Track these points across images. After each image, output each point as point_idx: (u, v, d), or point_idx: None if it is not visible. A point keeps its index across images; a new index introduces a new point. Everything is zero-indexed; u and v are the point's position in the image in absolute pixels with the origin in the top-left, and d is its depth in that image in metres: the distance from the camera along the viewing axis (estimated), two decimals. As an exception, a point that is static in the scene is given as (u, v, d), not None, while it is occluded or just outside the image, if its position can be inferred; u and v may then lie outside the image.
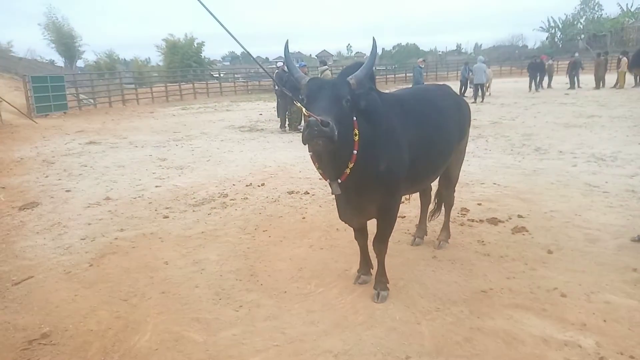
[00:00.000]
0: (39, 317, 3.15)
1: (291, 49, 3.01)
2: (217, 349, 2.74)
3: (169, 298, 3.38)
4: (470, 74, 18.92)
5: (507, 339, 2.73)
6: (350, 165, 2.67)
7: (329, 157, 2.64)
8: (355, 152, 2.64)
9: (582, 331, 2.78)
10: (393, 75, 35.67)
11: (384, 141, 2.82)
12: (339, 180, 2.75)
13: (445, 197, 4.17)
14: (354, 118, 2.63)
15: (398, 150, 2.92)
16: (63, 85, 19.67)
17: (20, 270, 3.92)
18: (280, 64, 14.50)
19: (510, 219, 4.73)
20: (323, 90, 2.48)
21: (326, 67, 12.70)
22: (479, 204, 5.25)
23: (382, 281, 3.30)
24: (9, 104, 15.78)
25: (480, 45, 74.34)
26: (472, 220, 4.75)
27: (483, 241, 4.21)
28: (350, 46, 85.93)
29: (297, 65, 12.92)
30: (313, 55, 72.40)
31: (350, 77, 2.62)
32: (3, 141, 11.61)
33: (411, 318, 3.00)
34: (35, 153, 10.02)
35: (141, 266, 3.97)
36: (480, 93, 17.95)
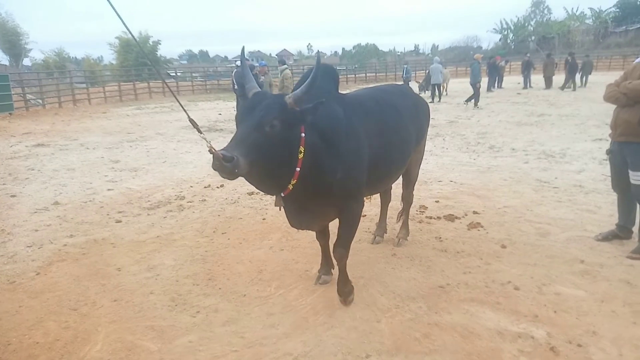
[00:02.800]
0: (-23, 332, 2.94)
1: (251, 48, 3.01)
2: (172, 357, 2.64)
3: (122, 306, 3.24)
4: (413, 75, 19.34)
5: (464, 333, 2.78)
6: (293, 182, 2.53)
7: (257, 181, 2.50)
8: (298, 169, 2.49)
9: (534, 322, 2.87)
10: (353, 75, 35.94)
11: (342, 149, 2.71)
12: (282, 194, 2.63)
13: (405, 196, 4.20)
14: (302, 134, 2.49)
15: (358, 155, 2.83)
16: (8, 85, 18.51)
17: (-43, 282, 3.65)
18: (239, 62, 14.29)
19: (466, 215, 4.85)
20: (248, 114, 2.34)
21: (285, 66, 12.62)
22: (437, 201, 5.36)
23: (345, 291, 3.17)
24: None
25: (437, 46, 76.43)
26: (430, 218, 4.83)
27: (440, 237, 4.29)
28: (311, 45, 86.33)
29: (258, 64, 12.85)
30: (273, 54, 71.95)
31: (289, 95, 2.47)
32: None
33: (371, 316, 3.01)
34: (-24, 156, 9.41)
35: (92, 273, 3.79)
36: (437, 93, 18.40)
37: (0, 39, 41.76)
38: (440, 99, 18.37)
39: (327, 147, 2.64)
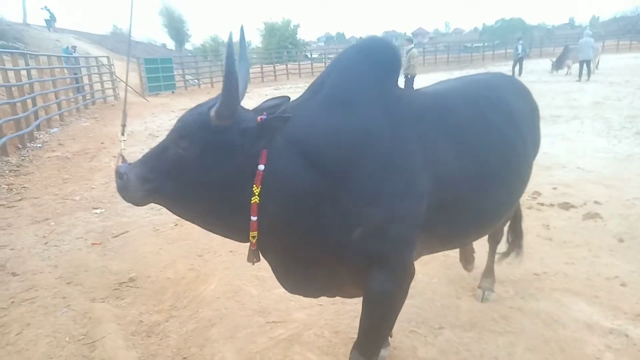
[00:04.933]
0: (129, 264, 3.75)
1: (387, 28, 2.76)
2: (268, 302, 3.08)
3: (236, 256, 3.80)
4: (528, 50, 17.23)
5: (548, 321, 2.71)
6: (253, 234, 1.63)
7: (192, 219, 1.75)
8: (254, 218, 1.59)
9: (633, 322, 2.66)
10: (492, 52, 33.54)
11: (372, 193, 1.66)
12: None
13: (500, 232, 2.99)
14: (259, 167, 1.57)
15: (405, 202, 1.71)
16: (172, 67, 21.61)
17: (119, 225, 4.63)
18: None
19: (585, 204, 4.46)
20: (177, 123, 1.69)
21: (412, 45, 12.36)
22: (554, 188, 4.99)
23: None
24: (125, 84, 17.77)
25: (598, 17, 66.53)
26: (542, 204, 4.56)
27: (548, 225, 4.05)
28: (449, 23, 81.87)
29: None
30: (408, 33, 70.38)
31: (212, 107, 1.58)
32: (119, 116, 13.17)
33: (452, 292, 3.09)
34: (143, 127, 11.27)
35: (216, 229, 4.46)
36: (586, 70, 16.31)
37: (168, 26, 48.21)
38: (589, 77, 16.25)
39: (331, 190, 1.64)
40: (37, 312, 3.06)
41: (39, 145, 8.84)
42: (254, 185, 1.56)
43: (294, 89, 21.00)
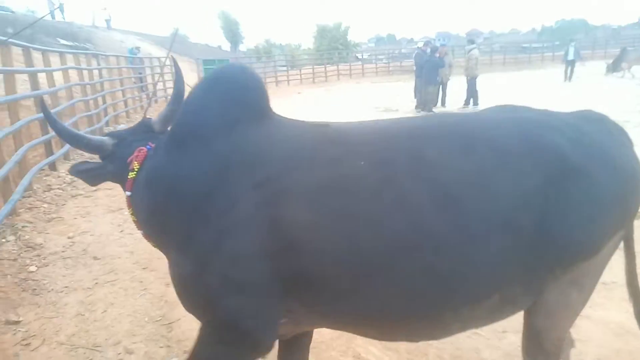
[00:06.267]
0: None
1: (440, 29, 2.41)
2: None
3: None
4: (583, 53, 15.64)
5: (619, 331, 2.65)
6: (129, 211, 1.83)
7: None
8: (127, 193, 1.75)
9: None
10: (551, 54, 32.15)
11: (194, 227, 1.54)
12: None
13: None
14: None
15: (210, 253, 1.50)
16: (227, 68, 22.41)
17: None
18: (421, 44, 14.32)
19: (658, 215, 4.25)
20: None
21: (474, 45, 12.11)
22: None
23: None
24: (186, 84, 18.57)
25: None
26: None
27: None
28: (505, 23, 79.11)
29: (439, 44, 12.68)
30: (461, 34, 68.70)
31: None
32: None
33: (515, 297, 3.06)
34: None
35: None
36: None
37: (224, 28, 49.85)
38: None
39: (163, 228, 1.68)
40: (118, 294, 3.34)
41: (108, 140, 9.44)
42: (135, 162, 1.73)
43: (345, 89, 21.14)
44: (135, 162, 1.69)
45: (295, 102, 16.84)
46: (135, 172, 1.69)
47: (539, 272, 1.50)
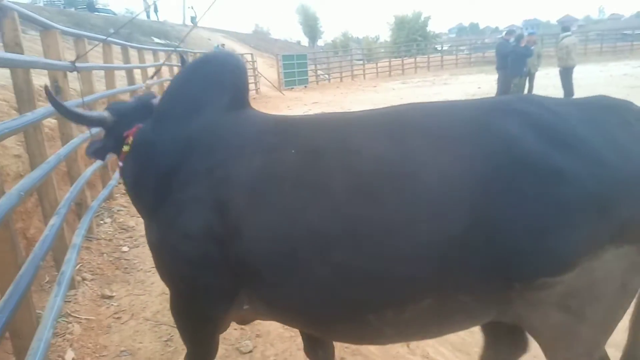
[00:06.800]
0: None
1: (528, 16, 2.13)
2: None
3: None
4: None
5: None
6: (122, 181, 2.02)
7: None
8: (120, 164, 1.86)
9: None
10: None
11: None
12: None
13: None
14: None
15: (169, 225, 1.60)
16: (306, 63, 22.91)
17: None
18: (503, 34, 13.46)
19: None
20: None
21: (568, 33, 11.07)
22: None
23: None
24: (265, 79, 19.34)
25: None
26: None
27: None
28: (603, 8, 72.28)
29: (526, 33, 11.77)
30: (552, 21, 63.76)
31: None
32: (259, 108, 14.25)
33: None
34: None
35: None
36: None
37: (303, 23, 50.73)
38: None
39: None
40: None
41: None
42: (130, 137, 1.79)
43: (422, 83, 20.59)
44: (131, 137, 1.81)
45: (372, 99, 16.76)
46: (129, 145, 1.80)
47: (489, 280, 1.30)
